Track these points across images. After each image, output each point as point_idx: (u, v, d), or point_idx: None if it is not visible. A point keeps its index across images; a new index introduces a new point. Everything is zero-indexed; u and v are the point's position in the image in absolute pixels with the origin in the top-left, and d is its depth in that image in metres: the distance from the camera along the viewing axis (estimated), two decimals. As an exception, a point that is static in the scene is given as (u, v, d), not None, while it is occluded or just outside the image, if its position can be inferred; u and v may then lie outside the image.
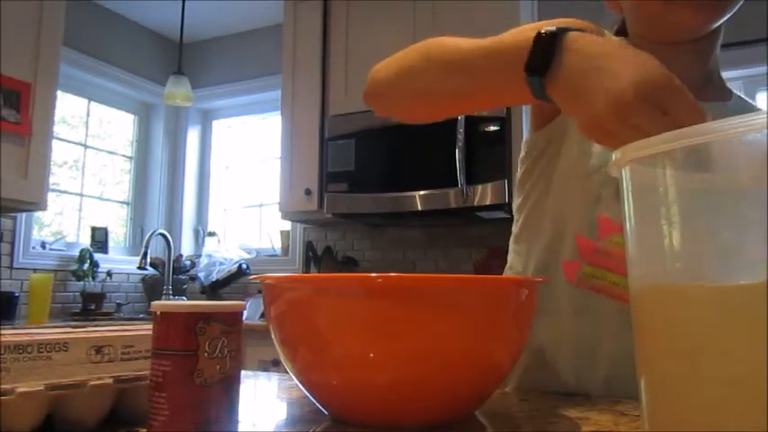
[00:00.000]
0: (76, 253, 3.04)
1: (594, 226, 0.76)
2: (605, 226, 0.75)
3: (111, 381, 0.50)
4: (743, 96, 0.85)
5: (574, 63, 0.54)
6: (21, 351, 0.46)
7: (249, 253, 3.42)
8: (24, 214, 2.84)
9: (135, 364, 0.53)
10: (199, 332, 0.45)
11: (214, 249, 3.43)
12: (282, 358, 0.56)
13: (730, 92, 0.83)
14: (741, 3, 0.74)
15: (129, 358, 0.52)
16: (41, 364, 0.47)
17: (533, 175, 0.86)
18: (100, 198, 3.43)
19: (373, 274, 0.50)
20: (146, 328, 0.54)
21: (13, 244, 2.82)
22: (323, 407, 0.57)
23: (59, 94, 2.70)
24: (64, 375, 0.48)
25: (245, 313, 2.78)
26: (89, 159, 3.38)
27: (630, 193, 0.40)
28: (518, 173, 0.90)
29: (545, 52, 0.55)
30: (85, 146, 3.37)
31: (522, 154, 0.89)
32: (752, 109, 0.84)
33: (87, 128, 3.38)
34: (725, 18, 0.74)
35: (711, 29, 0.75)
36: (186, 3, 3.24)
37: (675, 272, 0.36)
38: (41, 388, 0.46)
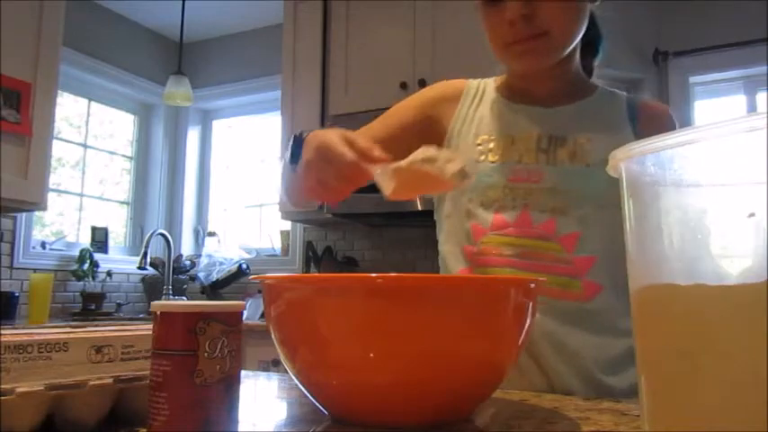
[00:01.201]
0: (76, 253, 3.04)
1: (470, 234, 0.89)
2: (476, 231, 0.89)
3: (111, 381, 0.50)
4: (608, 88, 0.98)
5: (304, 150, 0.75)
6: (21, 351, 0.46)
7: (249, 253, 3.42)
8: (24, 214, 2.84)
9: (135, 363, 0.53)
10: (199, 332, 0.45)
11: (214, 249, 3.43)
12: (282, 358, 0.56)
13: (595, 87, 0.96)
14: (576, 40, 0.88)
15: (129, 358, 0.52)
16: (41, 364, 0.47)
17: (439, 204, 0.99)
18: (100, 198, 3.43)
19: (373, 275, 0.50)
20: (146, 328, 0.55)
21: (13, 244, 2.82)
22: (323, 407, 0.57)
23: (59, 94, 2.70)
24: (64, 375, 0.48)
25: (245, 313, 2.78)
26: (89, 159, 3.38)
27: (630, 194, 0.40)
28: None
29: (295, 147, 0.80)
30: (86, 146, 3.37)
31: None
32: (615, 95, 0.97)
33: (87, 128, 3.38)
34: (561, 56, 0.87)
35: (551, 65, 0.88)
36: (186, 3, 3.24)
37: (675, 272, 0.36)
38: (41, 388, 0.46)
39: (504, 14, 0.83)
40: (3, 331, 0.49)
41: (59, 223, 3.25)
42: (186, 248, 3.61)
